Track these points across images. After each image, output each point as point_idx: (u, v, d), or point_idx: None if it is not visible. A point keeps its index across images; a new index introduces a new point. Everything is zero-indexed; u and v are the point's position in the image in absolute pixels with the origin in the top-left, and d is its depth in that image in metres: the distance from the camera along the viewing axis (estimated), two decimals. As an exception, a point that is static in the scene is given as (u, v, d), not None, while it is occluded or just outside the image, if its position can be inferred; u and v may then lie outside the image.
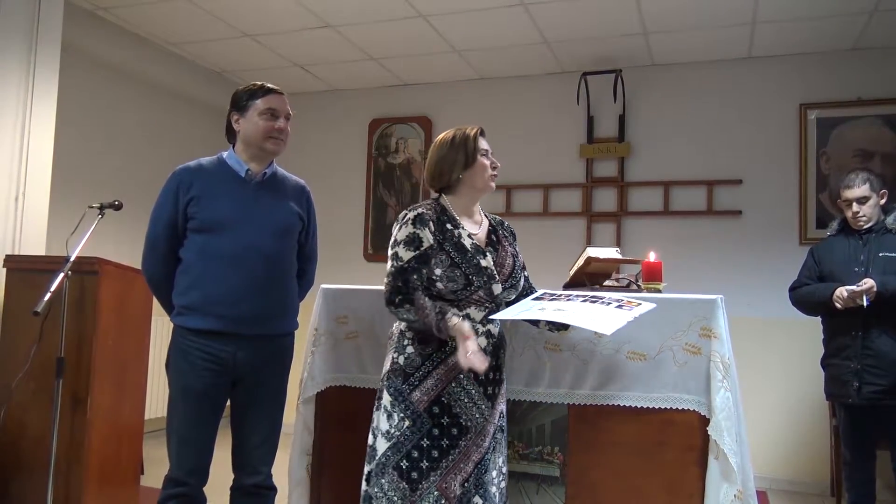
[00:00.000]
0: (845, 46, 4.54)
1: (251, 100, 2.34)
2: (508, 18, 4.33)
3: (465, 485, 2.09)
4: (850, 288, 2.94)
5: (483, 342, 2.13)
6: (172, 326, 2.32)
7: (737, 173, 4.76)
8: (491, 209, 2.41)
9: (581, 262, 2.63)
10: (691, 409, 2.35)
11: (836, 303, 2.99)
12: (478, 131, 2.23)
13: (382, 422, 2.12)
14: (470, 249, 2.15)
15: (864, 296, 2.90)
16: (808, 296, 3.18)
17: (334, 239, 5.15)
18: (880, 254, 3.04)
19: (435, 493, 2.05)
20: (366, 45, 4.88)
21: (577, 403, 2.48)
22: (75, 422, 2.99)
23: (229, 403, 2.37)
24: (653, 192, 4.95)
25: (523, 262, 2.34)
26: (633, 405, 2.41)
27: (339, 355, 2.77)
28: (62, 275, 2.84)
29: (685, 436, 2.36)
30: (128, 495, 3.23)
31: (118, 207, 3.17)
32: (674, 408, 2.37)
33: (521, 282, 2.27)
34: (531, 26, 4.44)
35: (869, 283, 2.90)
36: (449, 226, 2.17)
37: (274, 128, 2.34)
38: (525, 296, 2.26)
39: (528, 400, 2.53)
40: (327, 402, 2.76)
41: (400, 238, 2.11)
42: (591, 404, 2.46)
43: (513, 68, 5.22)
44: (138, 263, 2.42)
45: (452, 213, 2.21)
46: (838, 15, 4.12)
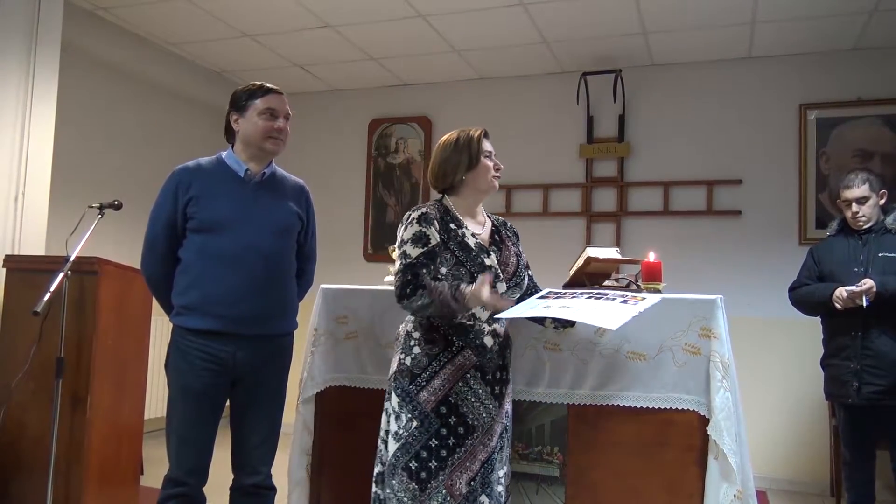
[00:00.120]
0: (845, 46, 4.54)
1: (250, 100, 2.34)
2: (508, 18, 4.33)
3: (471, 483, 2.10)
4: (849, 288, 2.94)
5: (489, 342, 2.15)
6: (172, 326, 2.32)
7: (736, 173, 4.76)
8: (491, 209, 2.42)
9: (581, 262, 2.63)
10: (691, 409, 2.35)
11: (836, 303, 2.99)
12: (481, 133, 2.24)
13: (391, 423, 2.13)
14: (474, 248, 2.16)
15: (863, 296, 2.90)
16: (807, 296, 3.18)
17: (334, 239, 5.15)
18: (880, 254, 3.04)
19: (443, 492, 2.06)
20: (365, 45, 4.88)
21: (576, 403, 2.49)
22: (75, 422, 2.99)
23: (229, 403, 2.36)
24: (652, 192, 4.95)
25: (527, 261, 2.35)
26: (633, 405, 2.41)
27: (338, 355, 2.77)
28: (62, 275, 2.84)
29: (685, 436, 2.36)
30: (127, 495, 3.23)
31: (118, 207, 3.17)
32: (673, 408, 2.37)
33: (525, 281, 2.29)
34: (531, 26, 4.44)
35: (868, 283, 2.90)
36: (452, 225, 2.18)
37: (273, 128, 2.34)
38: (529, 295, 2.26)
39: (527, 400, 2.53)
40: (327, 402, 2.77)
41: (407, 237, 2.13)
42: (590, 404, 2.47)
43: (512, 68, 5.22)
44: (138, 263, 2.41)
45: (456, 214, 2.22)
46: (838, 15, 4.12)
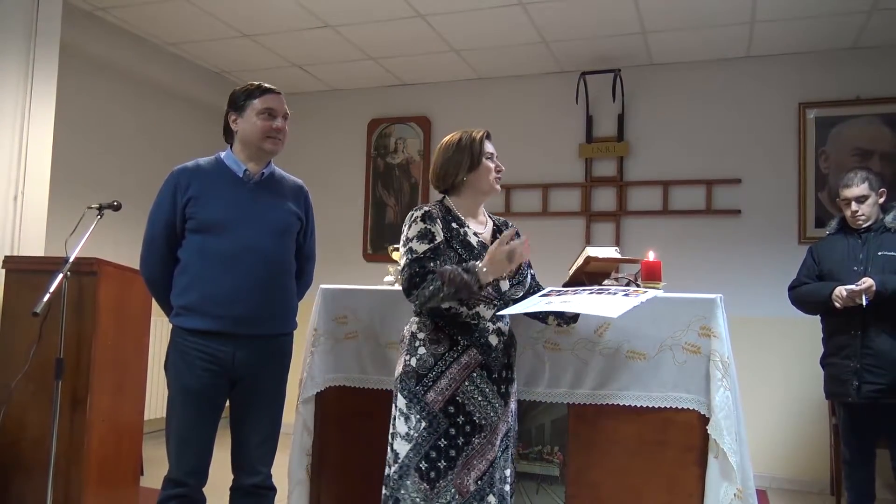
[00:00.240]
0: (844, 45, 4.54)
1: (248, 100, 2.34)
2: (507, 18, 4.33)
3: (478, 482, 2.10)
4: (849, 287, 2.94)
5: (494, 340, 2.16)
6: (171, 327, 2.31)
7: (736, 172, 4.76)
8: (490, 209, 2.42)
9: (580, 261, 2.62)
10: (691, 408, 2.35)
11: (836, 302, 2.99)
12: (484, 134, 2.25)
13: (399, 425, 2.12)
14: (476, 247, 2.17)
15: (863, 295, 2.90)
16: (807, 295, 3.18)
17: (333, 239, 5.16)
18: (879, 253, 3.04)
19: (452, 491, 2.06)
20: (365, 45, 4.88)
21: (576, 403, 2.48)
22: (75, 422, 2.99)
23: (228, 404, 2.36)
24: (652, 191, 4.95)
25: (529, 260, 2.35)
26: (633, 404, 2.41)
27: (338, 355, 2.77)
28: (61, 275, 2.84)
29: (685, 435, 2.36)
30: (127, 496, 3.23)
31: (117, 208, 3.17)
32: (673, 407, 2.37)
33: (527, 279, 2.29)
34: (530, 26, 4.44)
35: (868, 282, 2.90)
36: (454, 225, 2.19)
37: (272, 127, 2.33)
38: (532, 294, 2.27)
39: (527, 399, 2.52)
40: (327, 403, 2.76)
41: (412, 235, 2.13)
42: (590, 404, 2.47)
43: (511, 68, 5.22)
44: (137, 264, 2.41)
45: (457, 214, 2.23)
46: (837, 14, 4.12)
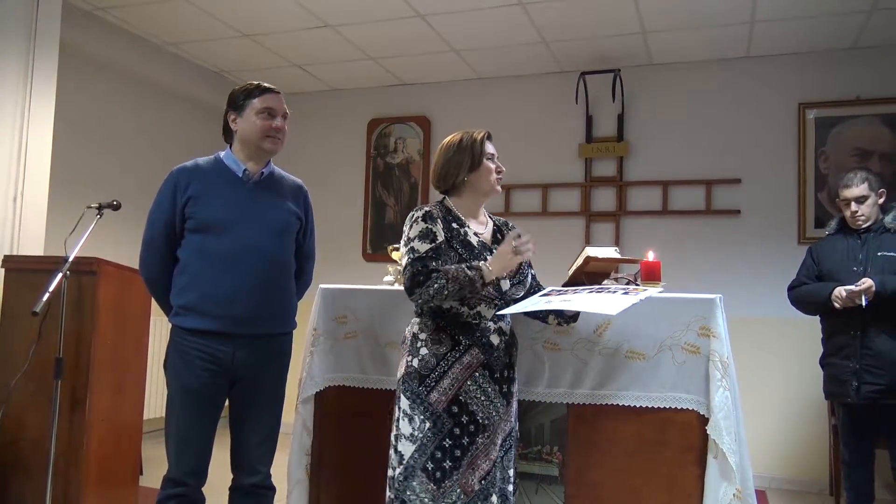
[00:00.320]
0: (844, 45, 4.54)
1: (248, 99, 2.34)
2: (507, 18, 4.33)
3: (482, 482, 2.10)
4: (848, 288, 2.94)
5: (496, 339, 2.17)
6: (171, 326, 2.31)
7: (735, 173, 4.76)
8: (490, 209, 2.42)
9: (580, 261, 2.62)
10: (690, 408, 2.35)
11: (835, 302, 2.99)
12: (484, 135, 2.26)
13: (404, 426, 2.12)
14: (476, 246, 2.18)
15: (862, 295, 2.90)
16: (806, 295, 3.18)
17: (333, 239, 5.16)
18: (879, 253, 3.04)
19: (457, 491, 2.07)
20: (364, 44, 4.88)
21: (576, 403, 2.48)
22: (74, 422, 2.99)
23: (228, 403, 2.36)
24: (651, 191, 4.95)
25: (529, 260, 2.35)
26: (632, 405, 2.41)
27: (338, 355, 2.77)
28: (61, 275, 2.84)
29: (684, 435, 2.36)
30: (127, 495, 3.23)
31: (116, 207, 3.17)
32: (673, 407, 2.37)
33: (528, 279, 2.30)
34: (529, 26, 4.44)
35: (867, 282, 2.90)
36: (455, 225, 2.20)
37: (271, 126, 2.33)
38: (533, 293, 2.27)
39: (526, 399, 2.52)
40: (326, 403, 2.76)
41: (413, 234, 2.14)
42: (590, 404, 2.47)
43: (511, 68, 5.21)
44: (137, 263, 2.41)
45: (458, 214, 2.24)
46: (837, 14, 4.12)
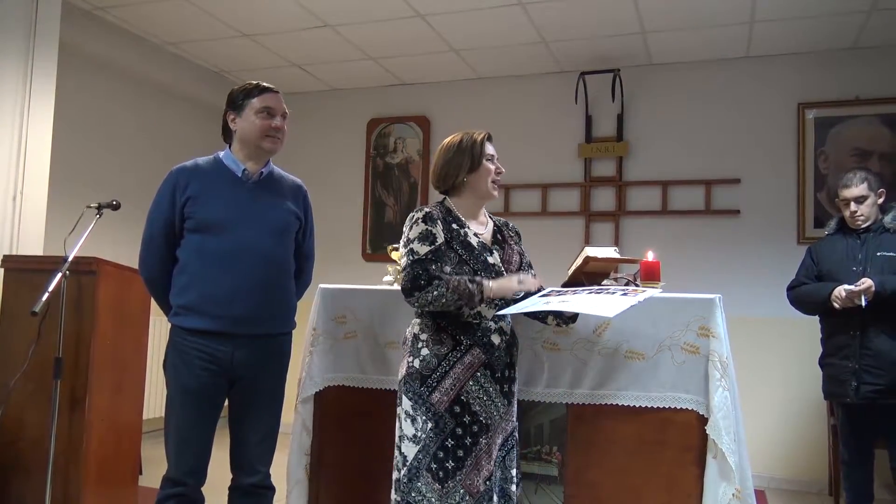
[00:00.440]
0: (843, 45, 4.54)
1: (247, 99, 2.34)
2: (506, 18, 4.33)
3: (487, 482, 2.11)
4: (848, 288, 2.94)
5: (497, 339, 2.17)
6: (170, 326, 2.31)
7: (735, 173, 4.76)
8: (490, 209, 2.42)
9: (579, 261, 2.62)
10: (690, 408, 2.35)
11: (835, 303, 2.99)
12: (485, 136, 2.26)
13: (406, 427, 2.12)
14: (476, 247, 2.19)
15: (862, 295, 2.90)
16: (806, 295, 3.18)
17: (332, 238, 5.15)
18: (878, 253, 3.04)
19: (461, 491, 2.07)
20: (364, 44, 4.88)
21: (575, 403, 2.48)
22: (73, 422, 2.99)
23: (227, 403, 2.36)
24: (651, 191, 4.95)
25: (529, 261, 2.36)
26: (632, 405, 2.41)
27: (337, 355, 2.77)
28: (60, 275, 2.84)
29: (683, 435, 2.36)
30: (126, 495, 3.23)
31: (116, 207, 3.16)
32: (672, 407, 2.37)
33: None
34: (529, 26, 4.44)
35: (867, 282, 2.90)
36: (455, 225, 2.20)
37: (270, 126, 2.33)
38: (532, 294, 2.26)
39: (526, 399, 2.52)
40: (326, 402, 2.76)
41: (413, 236, 2.14)
42: (589, 404, 2.47)
43: (511, 68, 5.21)
44: (136, 263, 2.41)
45: (458, 214, 2.24)
46: (836, 14, 4.12)
